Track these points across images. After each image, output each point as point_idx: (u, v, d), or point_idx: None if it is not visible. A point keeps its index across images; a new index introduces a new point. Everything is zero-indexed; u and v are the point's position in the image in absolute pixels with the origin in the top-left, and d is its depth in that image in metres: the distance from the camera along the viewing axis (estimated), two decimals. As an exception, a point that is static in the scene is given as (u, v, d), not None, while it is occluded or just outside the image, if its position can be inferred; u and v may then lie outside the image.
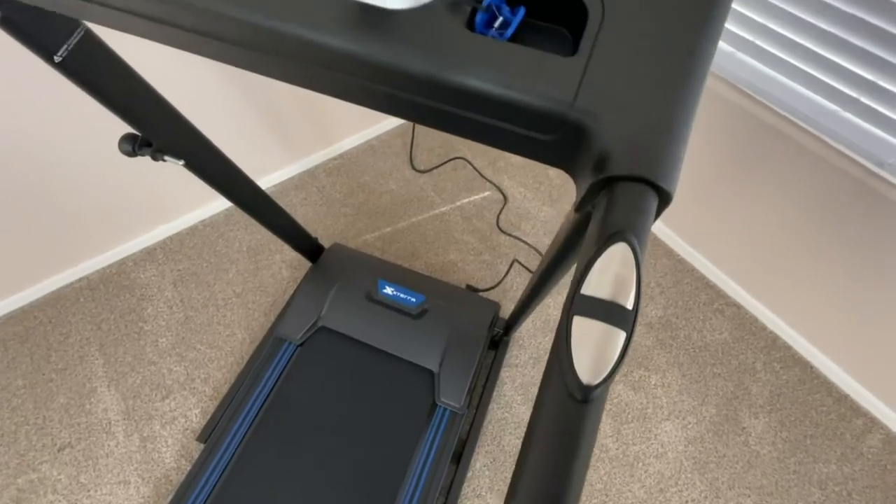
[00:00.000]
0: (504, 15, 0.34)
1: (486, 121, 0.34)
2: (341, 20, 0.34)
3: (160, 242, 1.63)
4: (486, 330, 1.32)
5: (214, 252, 1.62)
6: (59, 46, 0.56)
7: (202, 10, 0.36)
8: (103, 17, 0.41)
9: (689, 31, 0.32)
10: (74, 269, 1.53)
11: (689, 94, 0.31)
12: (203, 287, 1.55)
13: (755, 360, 1.47)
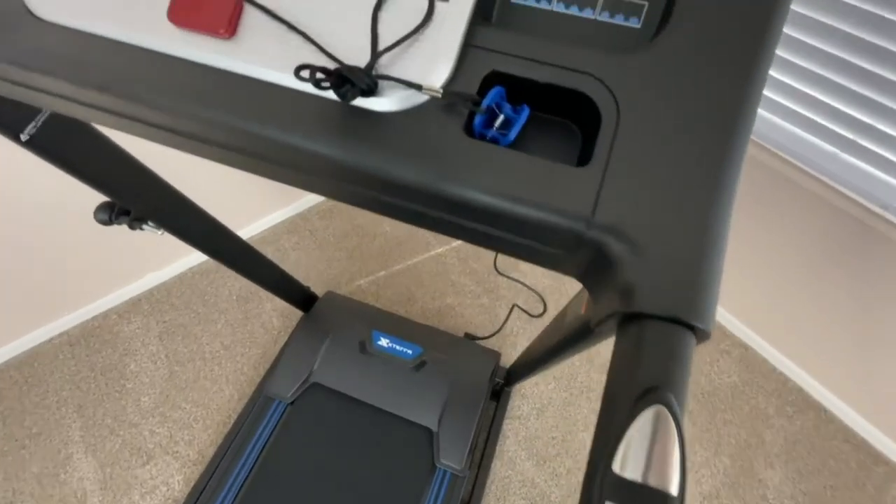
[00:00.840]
0: (506, 113, 0.30)
1: (493, 232, 0.30)
2: (327, 124, 0.30)
3: (147, 292, 1.57)
4: (486, 383, 1.26)
5: (203, 301, 1.56)
6: (26, 125, 0.52)
7: (174, 111, 0.32)
8: (72, 110, 0.37)
9: (717, 130, 0.28)
10: (54, 323, 1.46)
11: (724, 208, 0.27)
12: (190, 339, 1.48)
13: (767, 405, 1.41)
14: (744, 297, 1.44)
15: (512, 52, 0.30)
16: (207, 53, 0.32)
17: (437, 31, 0.29)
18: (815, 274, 1.22)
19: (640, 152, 0.28)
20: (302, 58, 0.30)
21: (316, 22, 0.30)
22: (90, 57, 0.34)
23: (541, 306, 1.57)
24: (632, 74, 0.29)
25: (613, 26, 0.32)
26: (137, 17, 0.32)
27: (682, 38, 0.29)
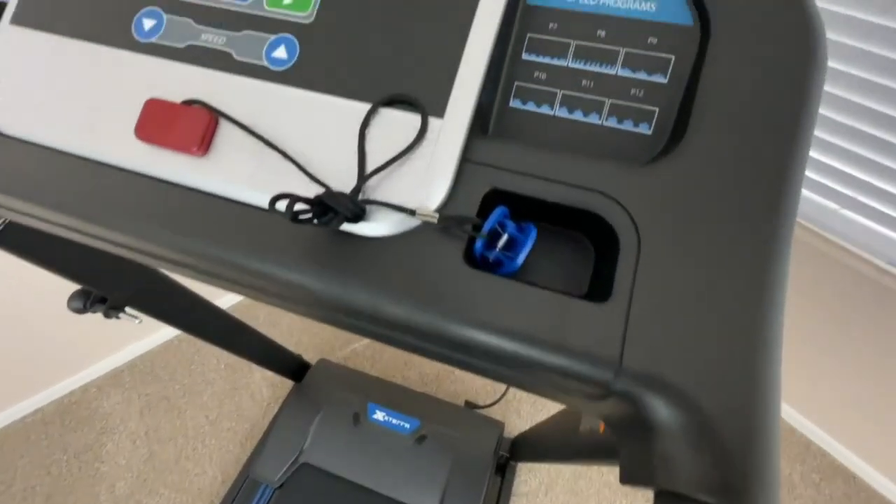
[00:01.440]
0: (510, 232, 0.27)
1: (506, 373, 0.26)
2: (308, 251, 0.26)
3: (129, 363, 1.49)
4: (490, 457, 1.17)
5: (189, 371, 1.48)
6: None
7: (138, 233, 0.29)
8: (34, 224, 0.34)
9: (755, 250, 0.25)
10: (29, 400, 1.37)
11: (774, 348, 0.23)
12: (173, 414, 1.39)
13: (791, 471, 1.32)
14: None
15: (514, 167, 0.27)
16: (178, 171, 0.28)
17: (431, 148, 0.26)
18: (834, 332, 1.17)
19: (669, 283, 0.24)
20: (281, 178, 0.27)
21: (297, 139, 0.28)
22: (50, 174, 0.30)
23: (544, 368, 1.50)
24: (650, 192, 0.26)
25: (622, 133, 0.30)
26: (103, 133, 0.30)
27: (704, 148, 0.26)
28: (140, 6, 0.31)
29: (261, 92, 0.28)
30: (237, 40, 0.29)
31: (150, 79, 0.30)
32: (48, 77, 0.31)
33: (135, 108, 0.29)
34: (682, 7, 0.29)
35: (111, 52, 0.31)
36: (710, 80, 0.27)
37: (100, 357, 1.46)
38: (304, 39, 0.29)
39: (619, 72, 0.30)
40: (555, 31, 0.31)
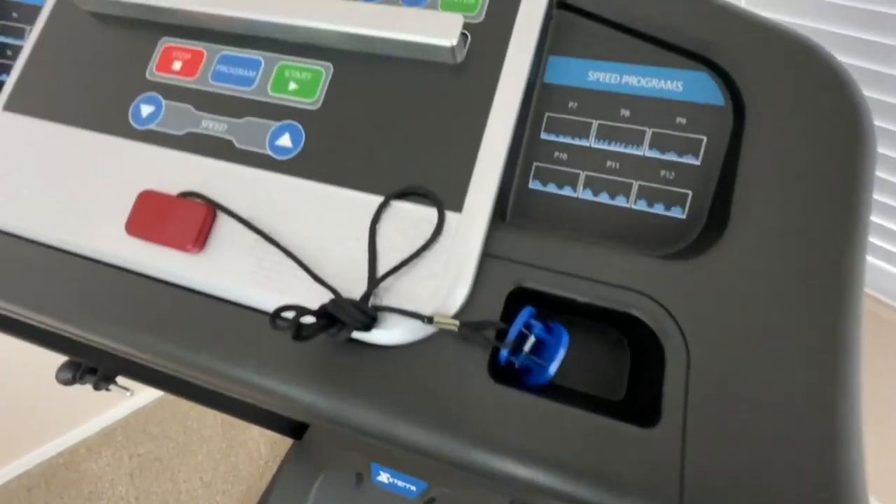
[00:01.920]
0: (537, 334, 0.24)
1: (540, 501, 0.22)
2: (313, 362, 0.23)
3: (122, 420, 1.43)
4: (503, 524, 1.09)
5: (184, 429, 1.41)
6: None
7: (127, 341, 0.26)
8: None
9: (823, 344, 0.22)
10: (17, 462, 1.30)
11: (855, 473, 0.19)
12: (165, 476, 1.31)
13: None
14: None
15: (539, 261, 0.25)
16: (171, 269, 0.26)
17: (449, 245, 0.24)
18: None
19: (729, 400, 0.21)
20: (283, 278, 0.25)
21: (301, 235, 0.25)
22: (33, 270, 0.28)
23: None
24: (696, 291, 0.23)
25: (653, 216, 0.28)
26: (92, 226, 0.27)
27: (754, 239, 0.23)
28: (138, 92, 0.29)
29: (263, 183, 0.26)
30: (239, 127, 0.28)
31: (146, 168, 0.28)
32: (37, 166, 0.29)
33: (128, 199, 0.27)
34: (710, 87, 0.27)
35: (106, 140, 0.29)
36: (751, 164, 0.25)
37: (92, 414, 1.40)
38: (310, 127, 0.27)
39: (646, 153, 0.28)
40: (575, 110, 0.29)
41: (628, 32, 0.28)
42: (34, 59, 0.32)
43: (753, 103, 0.25)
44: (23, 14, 0.40)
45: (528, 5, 0.26)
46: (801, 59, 0.25)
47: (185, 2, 0.29)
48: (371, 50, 0.27)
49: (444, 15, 0.25)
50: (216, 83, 0.29)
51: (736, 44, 0.26)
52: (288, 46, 0.28)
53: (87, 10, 0.32)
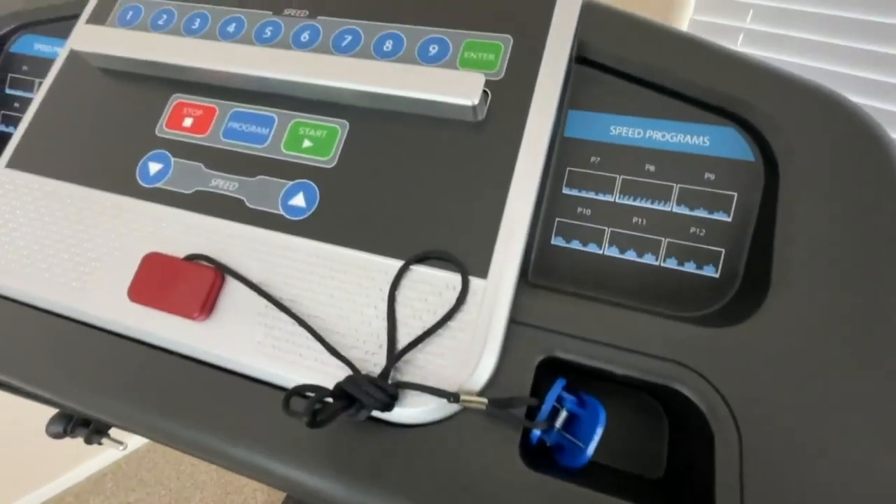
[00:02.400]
0: (569, 408, 0.22)
1: None
2: (328, 442, 0.21)
3: (112, 466, 1.37)
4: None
5: (177, 473, 1.35)
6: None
7: (125, 416, 0.24)
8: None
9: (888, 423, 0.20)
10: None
11: None
12: (156, 527, 1.25)
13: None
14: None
15: (569, 329, 0.23)
16: (175, 337, 0.24)
17: (475, 314, 0.22)
18: None
19: (791, 485, 0.19)
20: (295, 347, 0.23)
21: (314, 301, 0.24)
22: (29, 337, 0.26)
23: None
24: (742, 363, 0.21)
25: (684, 275, 0.26)
26: (93, 289, 0.26)
27: (804, 303, 0.22)
28: (147, 149, 0.29)
29: (274, 245, 0.25)
30: (250, 186, 0.27)
31: (152, 228, 0.27)
32: (38, 225, 0.28)
33: (132, 261, 0.26)
34: (739, 142, 0.26)
35: (111, 199, 0.28)
36: (791, 222, 0.23)
37: (81, 460, 1.34)
38: (324, 186, 0.26)
39: (674, 208, 0.27)
40: (597, 164, 0.28)
41: (650, 87, 0.28)
42: (41, 114, 0.31)
43: (786, 159, 0.24)
44: (33, 67, 0.40)
45: (550, 62, 0.26)
46: (831, 114, 0.25)
47: (198, 59, 0.28)
48: (388, 107, 0.26)
49: (465, 74, 0.24)
50: (228, 140, 0.28)
51: (764, 99, 0.25)
52: (302, 103, 0.28)
53: (97, 66, 0.31)
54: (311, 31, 0.29)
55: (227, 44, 0.29)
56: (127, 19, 0.32)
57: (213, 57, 0.28)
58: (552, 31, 0.26)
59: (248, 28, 0.30)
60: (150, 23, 0.32)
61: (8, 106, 0.40)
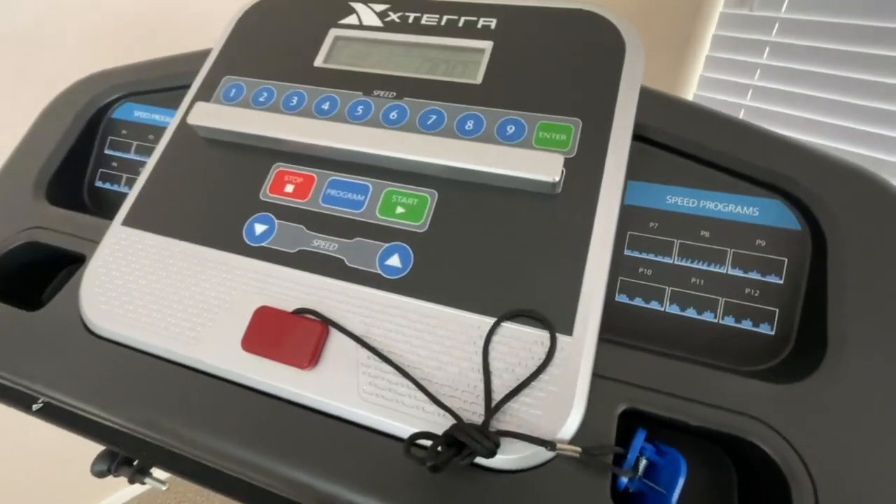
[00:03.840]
0: (648, 457, 0.24)
1: None
2: (430, 490, 0.23)
3: (135, 499, 1.35)
4: None
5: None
6: (37, 399, 0.46)
7: (235, 459, 0.26)
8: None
9: None
10: (6, 556, 1.21)
11: None
12: (166, 573, 1.21)
13: None
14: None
15: (646, 382, 0.25)
16: (283, 384, 0.27)
17: (562, 368, 0.25)
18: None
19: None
20: (397, 396, 0.25)
21: (412, 353, 0.26)
22: (143, 382, 0.29)
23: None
24: (811, 417, 0.23)
25: (742, 332, 0.29)
26: (206, 339, 0.29)
27: (858, 360, 0.24)
28: (253, 212, 0.32)
29: (374, 301, 0.28)
30: (349, 247, 0.30)
31: (260, 284, 0.30)
32: (154, 279, 0.31)
33: (243, 313, 0.29)
34: (785, 213, 0.30)
35: (220, 255, 0.31)
36: (842, 286, 0.26)
37: (98, 498, 1.32)
38: (417, 248, 0.29)
39: (729, 271, 0.30)
40: (655, 229, 0.31)
41: (701, 162, 0.31)
42: (154, 177, 0.35)
43: (832, 230, 0.27)
44: (131, 132, 0.44)
45: (616, 142, 0.29)
46: (867, 190, 0.28)
47: (298, 134, 0.32)
48: (475, 180, 0.30)
49: (547, 154, 0.28)
50: (326, 205, 0.31)
51: (805, 176, 0.29)
52: (394, 174, 0.31)
53: (205, 136, 0.35)
54: (399, 111, 0.33)
55: (324, 121, 0.33)
56: (231, 96, 0.37)
57: (312, 132, 0.32)
58: (616, 114, 0.30)
59: (342, 107, 0.34)
60: (251, 99, 0.36)
61: (106, 164, 0.44)
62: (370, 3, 0.38)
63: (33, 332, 0.32)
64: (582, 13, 0.34)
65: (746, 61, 0.92)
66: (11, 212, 0.39)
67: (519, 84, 0.32)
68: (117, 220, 0.34)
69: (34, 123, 0.44)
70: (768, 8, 0.87)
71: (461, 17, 0.36)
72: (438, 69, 0.34)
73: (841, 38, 0.81)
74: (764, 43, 0.89)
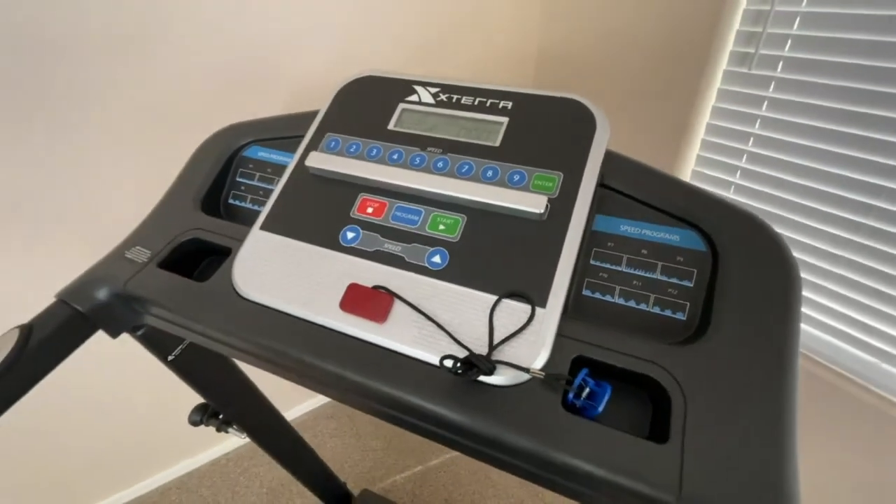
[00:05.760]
0: (591, 387, 0.39)
1: (586, 492, 0.36)
2: (451, 394, 0.39)
3: (178, 479, 1.53)
4: None
5: (232, 493, 1.49)
6: (173, 350, 0.65)
7: (336, 375, 0.43)
8: (249, 361, 0.49)
9: (770, 399, 0.35)
10: (79, 513, 1.41)
11: (794, 465, 0.32)
12: (211, 540, 1.37)
13: None
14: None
15: (592, 341, 0.40)
16: (365, 332, 0.43)
17: (538, 327, 0.40)
18: None
19: (711, 430, 0.35)
20: (436, 341, 0.41)
21: (446, 315, 0.42)
22: (277, 329, 0.46)
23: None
24: (691, 364, 0.38)
25: (664, 318, 0.43)
26: (316, 303, 0.46)
27: (726, 334, 0.39)
28: (345, 224, 0.50)
29: (423, 283, 0.44)
30: (408, 249, 0.47)
31: (349, 270, 0.47)
32: (281, 263, 0.49)
33: (339, 287, 0.46)
34: (696, 239, 0.44)
35: (325, 251, 0.48)
36: (723, 289, 0.41)
37: (151, 473, 1.51)
38: (452, 252, 0.45)
39: (658, 276, 0.45)
40: (612, 247, 0.47)
41: (644, 204, 0.46)
42: (280, 199, 0.53)
43: (723, 252, 0.42)
44: (255, 166, 0.63)
45: (584, 188, 0.45)
46: (751, 227, 0.43)
47: (376, 175, 0.50)
48: (491, 210, 0.46)
49: (538, 195, 0.44)
50: (394, 222, 0.48)
51: (711, 216, 0.44)
52: (438, 203, 0.48)
53: (313, 173, 0.53)
54: (444, 162, 0.50)
55: (394, 167, 0.51)
56: (331, 147, 0.55)
57: (386, 174, 0.50)
58: (586, 170, 0.46)
59: (406, 157, 0.52)
60: (345, 150, 0.54)
61: (237, 188, 0.63)
62: (427, 86, 0.56)
63: (202, 295, 0.50)
64: (569, 100, 0.50)
65: (747, 112, 1.07)
66: (180, 218, 0.58)
67: (524, 147, 0.49)
68: (256, 226, 0.52)
69: (191, 158, 0.64)
70: (765, 68, 1.02)
71: (488, 99, 0.53)
72: (471, 134, 0.52)
73: (831, 95, 0.95)
74: (762, 98, 1.04)
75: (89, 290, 0.51)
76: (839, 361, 1.08)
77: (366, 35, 1.17)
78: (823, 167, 0.98)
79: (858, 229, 0.97)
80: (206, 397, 0.75)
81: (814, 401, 1.17)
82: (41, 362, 0.48)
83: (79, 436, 1.29)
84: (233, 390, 0.78)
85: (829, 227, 1.01)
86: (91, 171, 0.97)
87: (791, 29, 0.96)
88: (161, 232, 0.56)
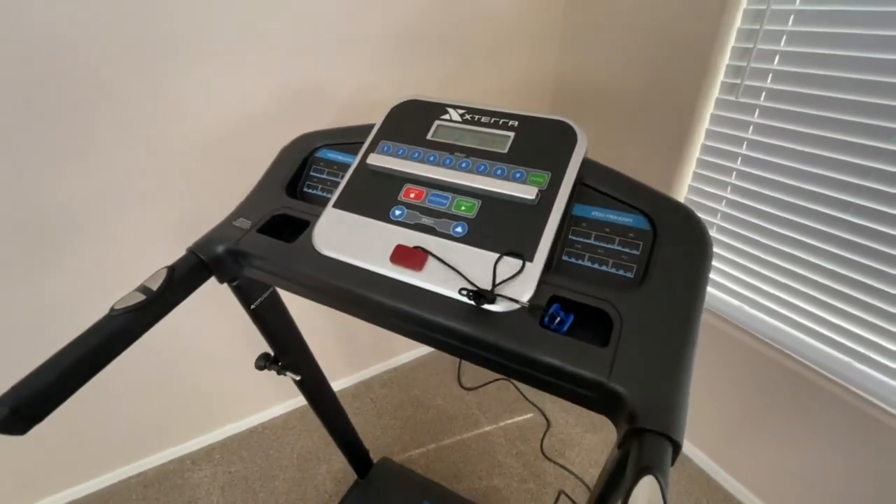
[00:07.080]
0: (561, 316, 0.57)
1: (552, 380, 0.54)
2: (466, 316, 0.58)
3: (222, 441, 1.73)
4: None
5: (267, 456, 1.69)
6: (257, 299, 0.86)
7: (388, 305, 0.62)
8: (319, 299, 0.69)
9: (681, 326, 0.53)
10: (137, 462, 1.62)
11: (688, 368, 0.50)
12: (248, 494, 1.57)
13: None
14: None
15: (565, 286, 0.59)
16: (408, 278, 0.63)
17: (526, 275, 0.59)
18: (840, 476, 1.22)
19: (636, 339, 0.52)
20: (457, 283, 0.60)
21: (465, 267, 0.61)
22: (346, 275, 0.66)
23: (587, 495, 1.56)
24: (630, 303, 0.56)
25: (617, 275, 0.61)
26: (372, 258, 0.65)
27: (657, 287, 0.56)
28: (394, 205, 0.69)
29: (449, 245, 0.64)
30: (438, 222, 0.66)
31: (396, 236, 0.66)
32: (348, 230, 0.69)
33: (389, 247, 0.65)
34: (643, 221, 0.62)
35: (379, 223, 0.68)
36: (657, 257, 0.59)
37: (201, 432, 1.72)
38: (470, 225, 0.65)
39: (616, 247, 0.63)
40: (585, 227, 0.65)
41: (608, 196, 0.65)
42: (347, 187, 0.74)
43: (661, 231, 0.60)
44: (324, 164, 0.84)
45: (565, 184, 0.64)
46: (683, 214, 0.60)
47: (418, 171, 0.70)
48: (498, 197, 0.65)
49: (532, 187, 0.63)
50: (430, 204, 0.68)
51: (653, 206, 0.62)
52: (461, 191, 0.68)
53: (371, 169, 0.74)
54: (467, 163, 0.70)
55: (431, 166, 0.71)
56: (385, 150, 0.75)
57: (425, 171, 0.70)
58: (567, 171, 0.65)
59: (439, 159, 0.71)
60: (395, 153, 0.74)
61: (310, 179, 0.84)
62: (456, 108, 0.76)
63: (291, 251, 0.71)
64: (559, 121, 0.70)
65: (734, 134, 1.24)
66: (271, 199, 0.79)
67: (524, 154, 0.68)
68: (330, 204, 0.73)
69: (276, 157, 0.85)
70: (750, 96, 1.20)
71: (500, 119, 0.73)
72: (486, 144, 0.71)
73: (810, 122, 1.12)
74: (748, 122, 1.21)
75: (211, 245, 0.72)
76: (819, 361, 1.22)
77: (407, 66, 1.39)
78: (798, 184, 1.14)
79: (830, 240, 1.12)
80: (270, 345, 0.95)
81: (796, 398, 1.30)
82: (175, 295, 0.68)
83: (146, 400, 1.52)
84: (291, 343, 0.98)
85: (807, 237, 1.16)
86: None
87: (772, 64, 1.14)
88: (258, 208, 0.78)
